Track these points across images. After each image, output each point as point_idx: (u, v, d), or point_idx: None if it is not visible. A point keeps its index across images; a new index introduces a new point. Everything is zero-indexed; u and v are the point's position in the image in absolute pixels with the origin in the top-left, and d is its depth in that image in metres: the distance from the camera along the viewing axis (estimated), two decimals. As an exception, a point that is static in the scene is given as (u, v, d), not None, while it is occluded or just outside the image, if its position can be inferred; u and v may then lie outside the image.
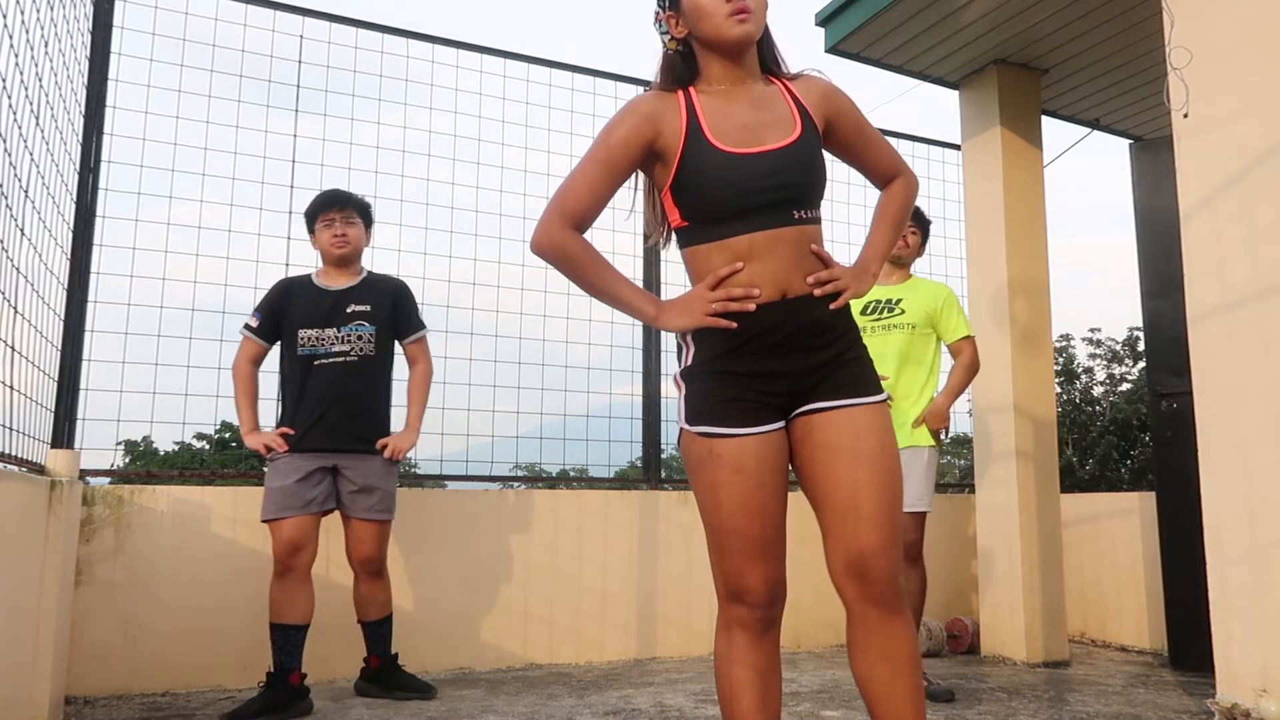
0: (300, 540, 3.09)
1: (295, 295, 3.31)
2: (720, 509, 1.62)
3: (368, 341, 3.28)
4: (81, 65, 3.57)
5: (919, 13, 4.07)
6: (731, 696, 1.64)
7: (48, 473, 2.99)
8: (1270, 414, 2.67)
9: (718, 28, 1.66)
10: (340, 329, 3.26)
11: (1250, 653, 2.67)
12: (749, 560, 1.61)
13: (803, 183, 1.66)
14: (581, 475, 5.65)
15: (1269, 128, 2.74)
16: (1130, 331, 17.22)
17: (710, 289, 1.63)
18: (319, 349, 3.24)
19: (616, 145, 1.67)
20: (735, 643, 1.65)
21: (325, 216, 3.34)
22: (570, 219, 1.67)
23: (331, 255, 3.34)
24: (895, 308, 3.63)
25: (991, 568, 4.41)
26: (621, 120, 1.68)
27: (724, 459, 1.61)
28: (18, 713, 2.40)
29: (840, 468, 1.60)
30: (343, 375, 3.24)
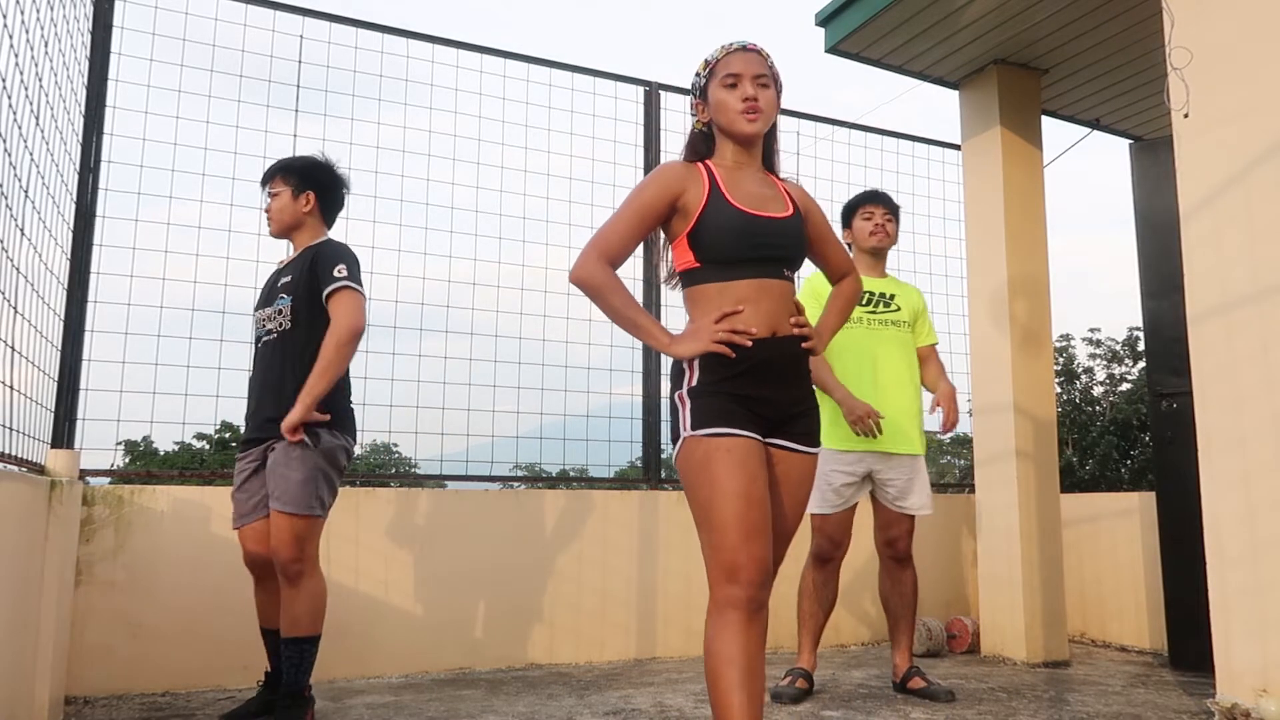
0: (255, 549, 2.93)
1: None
2: (725, 495, 1.86)
3: (286, 316, 2.96)
4: (81, 65, 3.57)
5: (919, 13, 4.07)
6: (721, 671, 1.83)
7: (48, 473, 2.99)
8: (1270, 414, 2.67)
9: (732, 121, 2.06)
10: (268, 306, 3.03)
11: (1250, 652, 2.67)
12: (748, 539, 1.85)
13: (793, 246, 2.06)
14: (581, 475, 5.65)
15: (1269, 128, 2.74)
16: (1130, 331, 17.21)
17: (715, 323, 1.95)
18: (260, 330, 3.05)
19: (649, 199, 2.02)
20: (727, 623, 1.85)
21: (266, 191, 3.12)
22: (606, 256, 2.01)
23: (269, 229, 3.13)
24: (891, 303, 3.65)
25: (991, 568, 4.40)
26: (654, 180, 2.04)
27: (729, 452, 1.89)
28: (18, 713, 2.40)
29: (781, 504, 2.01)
30: (268, 354, 2.98)
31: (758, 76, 2.05)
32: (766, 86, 2.06)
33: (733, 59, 2.06)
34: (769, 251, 2.00)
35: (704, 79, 2.10)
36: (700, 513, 1.90)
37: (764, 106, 2.04)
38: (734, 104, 2.03)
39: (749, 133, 2.05)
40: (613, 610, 4.24)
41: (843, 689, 3.57)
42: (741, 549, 1.84)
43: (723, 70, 2.06)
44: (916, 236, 5.40)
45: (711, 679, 1.85)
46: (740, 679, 1.81)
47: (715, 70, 2.08)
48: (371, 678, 3.75)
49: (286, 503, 2.80)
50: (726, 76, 2.05)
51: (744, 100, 2.03)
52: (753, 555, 1.84)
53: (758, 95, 2.03)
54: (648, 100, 4.75)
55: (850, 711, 3.18)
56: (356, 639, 3.74)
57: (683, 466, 1.96)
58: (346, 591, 3.77)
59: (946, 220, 5.46)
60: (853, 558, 4.77)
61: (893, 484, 3.51)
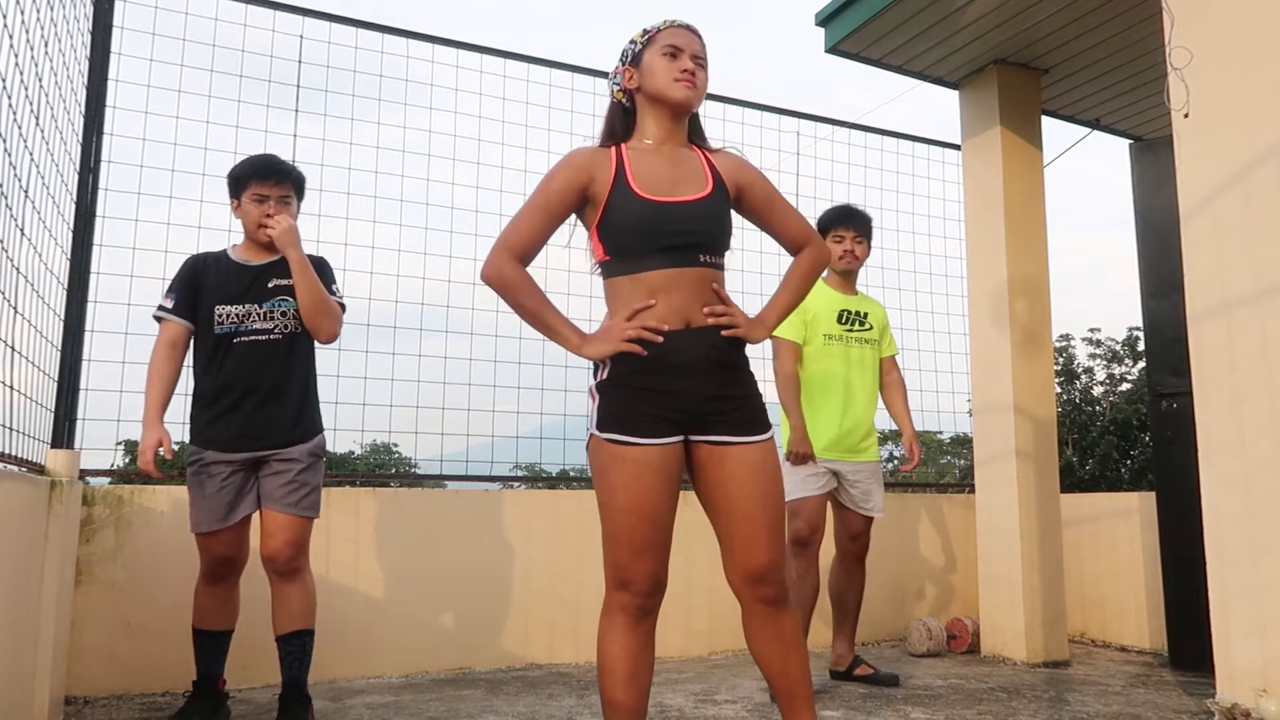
0: (230, 554, 2.88)
1: (211, 270, 2.96)
2: (617, 509, 1.88)
3: (292, 318, 2.93)
4: (81, 65, 3.56)
5: (919, 13, 4.07)
6: (608, 669, 1.89)
7: (48, 473, 3.00)
8: (1270, 414, 2.67)
9: (667, 87, 2.00)
10: (262, 304, 2.91)
11: (1250, 652, 2.67)
12: (636, 555, 1.88)
13: (710, 230, 1.96)
14: (581, 475, 5.64)
15: (1269, 128, 2.74)
16: (1130, 331, 17.21)
17: (626, 320, 1.90)
18: (239, 326, 2.89)
19: (555, 192, 1.96)
20: (615, 624, 1.90)
21: (257, 189, 2.94)
22: (514, 253, 1.95)
23: (255, 237, 2.96)
24: (865, 321, 3.78)
25: (991, 568, 4.40)
26: (560, 170, 1.98)
27: (625, 465, 1.87)
28: (18, 713, 2.40)
29: (740, 499, 1.92)
30: (267, 353, 2.90)
31: (696, 56, 2.02)
32: (702, 68, 2.04)
33: (676, 32, 2.04)
34: (679, 240, 1.92)
35: (640, 46, 2.06)
36: (601, 513, 1.92)
37: (699, 83, 2.02)
38: (671, 70, 1.99)
39: (681, 99, 1.99)
40: (613, 610, 4.24)
41: (842, 689, 3.57)
42: (629, 564, 1.88)
43: (664, 40, 2.02)
44: (916, 236, 5.40)
45: (602, 674, 1.91)
46: (627, 676, 1.88)
47: (655, 39, 2.04)
48: (371, 678, 3.75)
49: (306, 508, 2.88)
50: (667, 46, 2.01)
51: (682, 70, 1.99)
52: (640, 570, 1.88)
53: (695, 71, 2.00)
54: (648, 100, 4.75)
55: (850, 711, 3.18)
56: (356, 639, 3.74)
57: (590, 462, 1.96)
58: (346, 591, 3.76)
59: (946, 220, 5.47)
60: (853, 558, 4.78)
61: (857, 487, 3.67)
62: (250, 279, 2.95)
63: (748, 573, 1.92)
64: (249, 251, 3.01)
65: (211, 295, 2.92)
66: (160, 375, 2.90)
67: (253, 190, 2.95)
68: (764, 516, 1.91)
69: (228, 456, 2.86)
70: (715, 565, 2.11)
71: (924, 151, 5.48)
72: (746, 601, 1.95)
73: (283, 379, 2.93)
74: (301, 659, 2.87)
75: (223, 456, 2.86)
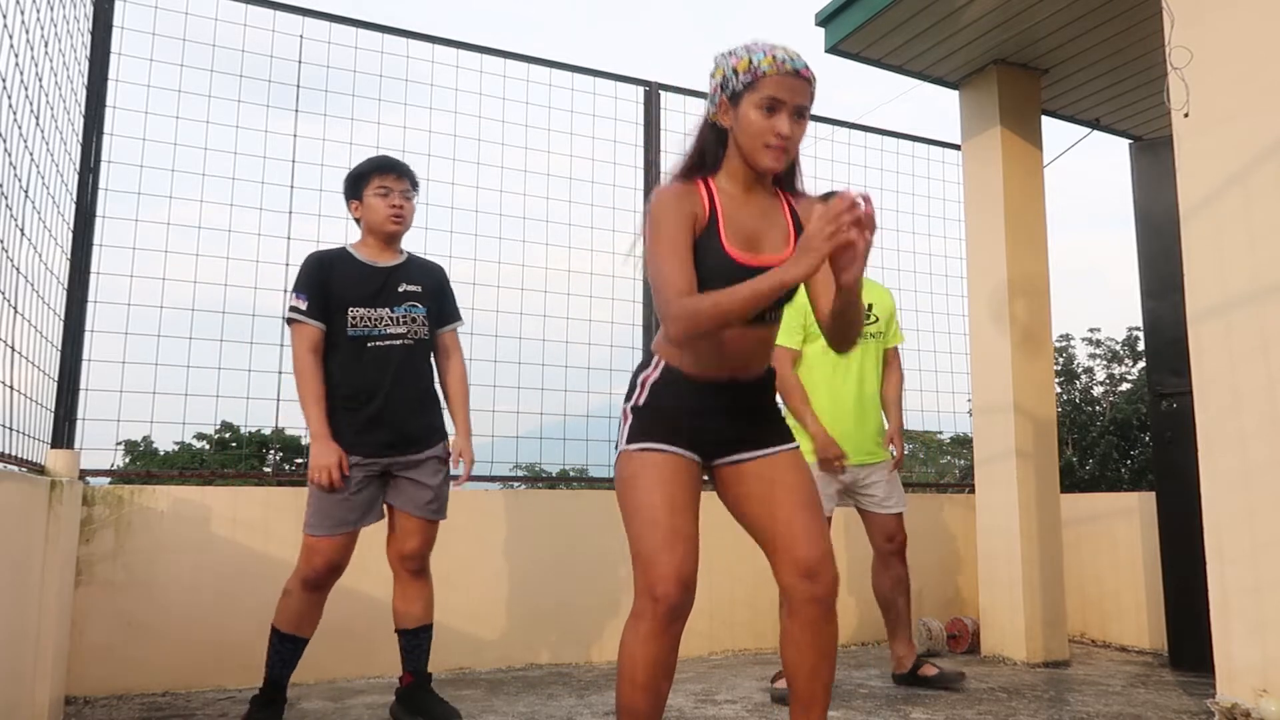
0: (341, 560, 2.85)
1: (339, 269, 2.93)
2: (643, 505, 1.88)
3: (422, 324, 2.99)
4: (81, 65, 3.57)
5: (919, 13, 4.07)
6: (628, 675, 1.86)
7: (48, 473, 3.00)
8: (1270, 414, 2.67)
9: (756, 152, 1.86)
10: (394, 309, 2.94)
11: (1250, 652, 2.67)
12: (665, 546, 1.85)
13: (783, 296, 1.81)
14: (581, 475, 5.64)
15: (1269, 128, 2.74)
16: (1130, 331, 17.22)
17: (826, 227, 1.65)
18: (373, 329, 2.90)
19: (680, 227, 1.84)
20: (640, 630, 1.86)
21: (380, 183, 2.96)
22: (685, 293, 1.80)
23: (385, 229, 2.96)
24: (870, 313, 3.67)
25: (991, 568, 4.40)
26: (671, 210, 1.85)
27: (651, 468, 1.90)
28: (18, 713, 2.40)
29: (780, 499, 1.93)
30: (401, 359, 2.93)
31: (799, 108, 1.84)
32: (803, 118, 1.87)
33: (782, 81, 1.81)
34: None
35: (741, 84, 1.84)
36: (629, 522, 1.90)
37: (793, 146, 1.87)
38: (765, 133, 1.83)
39: (766, 168, 1.88)
40: (613, 610, 4.24)
41: (842, 689, 3.57)
42: (658, 558, 1.84)
43: (766, 89, 1.82)
44: (916, 236, 5.40)
45: (619, 679, 1.89)
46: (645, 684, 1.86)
47: (758, 84, 1.82)
48: (372, 678, 3.75)
49: (443, 513, 3.02)
50: (768, 98, 1.82)
51: (777, 135, 1.83)
52: (669, 563, 1.84)
53: (792, 132, 1.84)
54: (648, 100, 4.75)
55: (850, 711, 3.18)
56: (357, 639, 3.74)
57: (618, 479, 1.96)
58: (347, 592, 3.76)
59: (946, 220, 5.46)
60: (850, 560, 4.78)
61: (876, 488, 3.62)
62: (381, 281, 2.95)
63: (802, 567, 1.88)
64: (373, 251, 3.01)
65: (343, 296, 2.90)
66: (317, 382, 2.85)
67: (376, 184, 2.97)
68: (807, 511, 1.92)
69: (369, 461, 2.88)
70: (715, 566, 2.11)
71: (924, 151, 5.48)
72: (797, 602, 1.90)
73: (416, 384, 2.99)
74: (427, 649, 3.03)
75: (363, 461, 2.87)
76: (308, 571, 2.83)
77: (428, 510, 2.97)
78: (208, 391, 3.67)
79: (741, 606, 4.48)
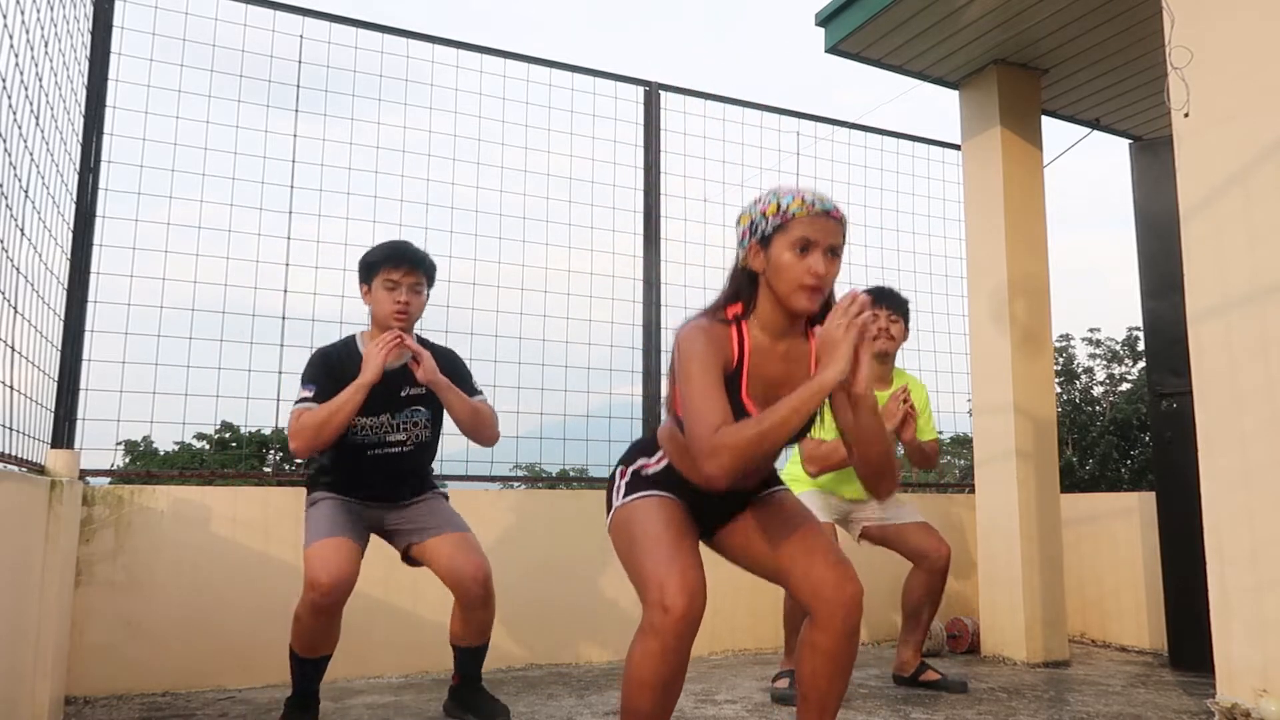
0: (347, 570, 2.66)
1: (346, 369, 2.82)
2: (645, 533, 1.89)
3: (424, 428, 2.97)
4: (81, 65, 3.57)
5: (919, 13, 4.07)
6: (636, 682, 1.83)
7: (48, 473, 3.00)
8: (1270, 414, 2.67)
9: (789, 293, 1.85)
10: (395, 415, 2.90)
11: (1250, 652, 2.67)
12: (672, 556, 1.84)
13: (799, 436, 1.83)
14: (581, 475, 5.64)
15: (1269, 127, 2.74)
16: (1130, 331, 17.22)
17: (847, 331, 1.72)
18: (372, 437, 2.88)
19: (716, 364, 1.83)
20: (650, 649, 1.80)
21: (388, 275, 2.85)
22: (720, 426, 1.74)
23: (386, 325, 2.87)
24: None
25: (991, 568, 4.40)
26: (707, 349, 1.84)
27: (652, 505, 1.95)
28: (18, 713, 2.40)
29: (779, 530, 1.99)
30: (397, 464, 2.93)
31: (831, 247, 1.84)
32: (837, 257, 1.86)
33: (813, 222, 1.82)
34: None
35: (770, 227, 1.85)
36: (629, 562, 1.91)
37: (827, 286, 1.85)
38: (801, 275, 1.82)
39: (802, 310, 1.86)
40: (613, 610, 4.24)
41: (843, 689, 3.57)
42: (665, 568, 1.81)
43: (797, 230, 1.82)
44: (917, 236, 5.40)
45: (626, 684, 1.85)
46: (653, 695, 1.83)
47: (789, 226, 1.82)
48: (372, 678, 3.75)
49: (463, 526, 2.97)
50: (800, 238, 1.81)
51: (812, 275, 1.81)
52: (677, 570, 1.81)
53: (826, 270, 1.82)
54: (648, 100, 4.75)
55: (850, 711, 3.18)
56: (356, 639, 3.73)
57: (613, 537, 1.99)
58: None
59: (946, 220, 5.46)
60: (852, 560, 4.77)
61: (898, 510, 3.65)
62: (383, 387, 2.83)
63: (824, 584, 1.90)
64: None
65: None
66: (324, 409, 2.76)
67: (384, 276, 2.85)
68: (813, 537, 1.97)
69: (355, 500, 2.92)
70: (715, 566, 2.10)
71: (924, 151, 5.48)
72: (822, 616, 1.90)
73: (412, 481, 3.02)
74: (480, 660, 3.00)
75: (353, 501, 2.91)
76: (313, 589, 2.63)
77: (446, 526, 2.92)
78: (208, 391, 3.67)
79: (742, 607, 4.48)
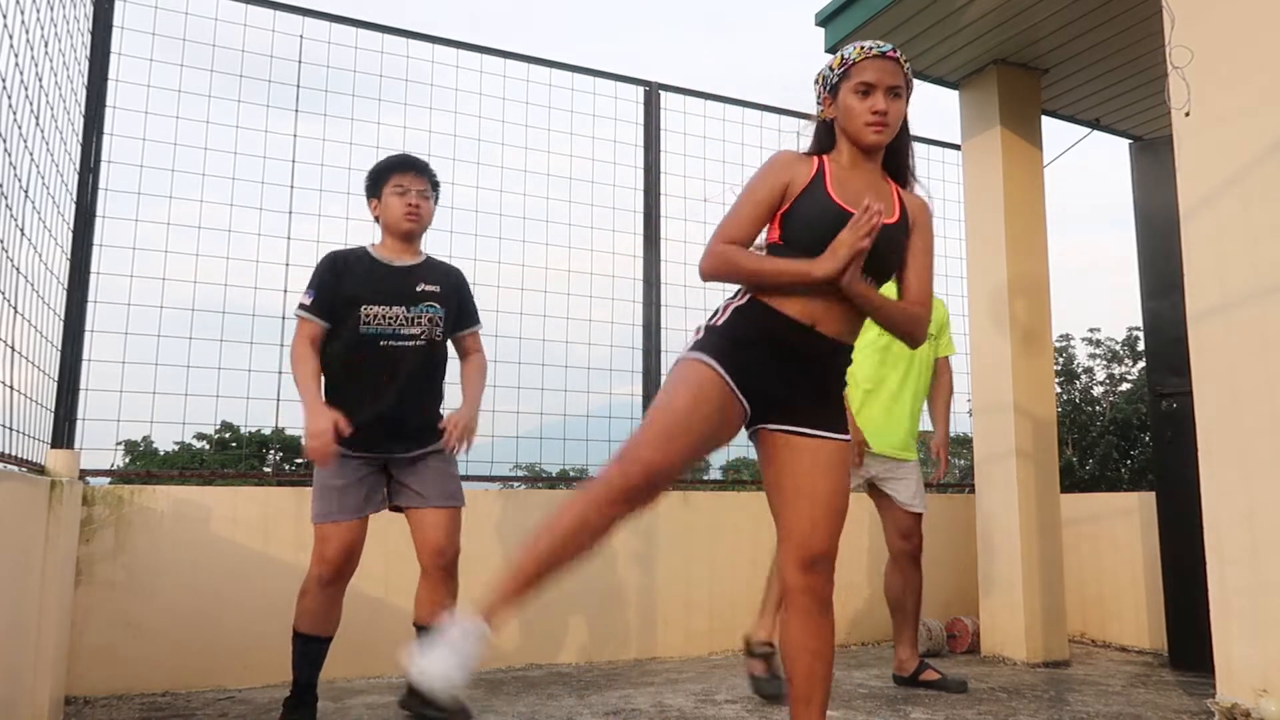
0: (354, 546, 2.80)
1: (353, 268, 2.90)
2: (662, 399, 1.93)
3: (437, 325, 2.96)
4: (81, 65, 3.57)
5: (919, 13, 4.07)
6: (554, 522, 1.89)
7: (48, 473, 3.00)
8: (1270, 413, 2.67)
9: (859, 131, 2.02)
10: (410, 308, 2.91)
11: (1250, 653, 2.67)
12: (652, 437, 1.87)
13: (886, 256, 2.01)
14: (581, 475, 5.64)
15: (1269, 127, 2.74)
16: (1130, 331, 17.23)
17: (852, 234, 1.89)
18: (386, 329, 2.87)
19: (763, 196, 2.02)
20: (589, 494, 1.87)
21: (397, 181, 2.96)
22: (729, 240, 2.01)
23: (400, 227, 2.94)
24: None
25: (991, 568, 4.40)
26: (766, 174, 2.04)
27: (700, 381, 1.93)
28: (18, 713, 2.40)
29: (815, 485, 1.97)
30: (413, 359, 2.90)
31: (891, 87, 2.01)
32: (899, 97, 2.03)
33: (870, 65, 2.01)
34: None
35: (836, 77, 2.06)
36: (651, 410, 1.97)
37: (892, 120, 2.02)
38: (863, 113, 2.00)
39: (871, 144, 2.03)
40: (613, 610, 4.24)
41: (843, 689, 3.57)
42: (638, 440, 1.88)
43: (858, 75, 2.01)
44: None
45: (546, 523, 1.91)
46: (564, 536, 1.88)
47: (850, 72, 2.03)
48: (372, 678, 3.75)
49: (455, 499, 2.95)
50: (860, 83, 2.01)
51: (874, 112, 2.00)
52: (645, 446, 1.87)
53: (888, 108, 2.00)
54: (648, 100, 4.75)
55: (850, 711, 3.18)
56: (356, 639, 3.74)
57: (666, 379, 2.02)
58: (347, 592, 3.76)
59: (946, 220, 5.47)
60: (853, 560, 4.78)
61: (904, 486, 3.66)
62: (398, 280, 2.92)
63: (805, 557, 1.94)
64: (391, 250, 2.99)
65: (357, 294, 2.87)
66: (309, 365, 2.83)
67: (394, 183, 2.96)
68: (833, 506, 1.97)
69: (370, 456, 2.86)
70: (714, 566, 2.11)
71: (924, 151, 5.48)
72: (795, 594, 1.96)
73: (422, 385, 2.95)
74: None
75: (362, 455, 2.85)
76: (321, 564, 2.78)
77: (438, 498, 2.91)
78: (208, 391, 3.67)
79: (742, 606, 4.48)
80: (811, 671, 1.95)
